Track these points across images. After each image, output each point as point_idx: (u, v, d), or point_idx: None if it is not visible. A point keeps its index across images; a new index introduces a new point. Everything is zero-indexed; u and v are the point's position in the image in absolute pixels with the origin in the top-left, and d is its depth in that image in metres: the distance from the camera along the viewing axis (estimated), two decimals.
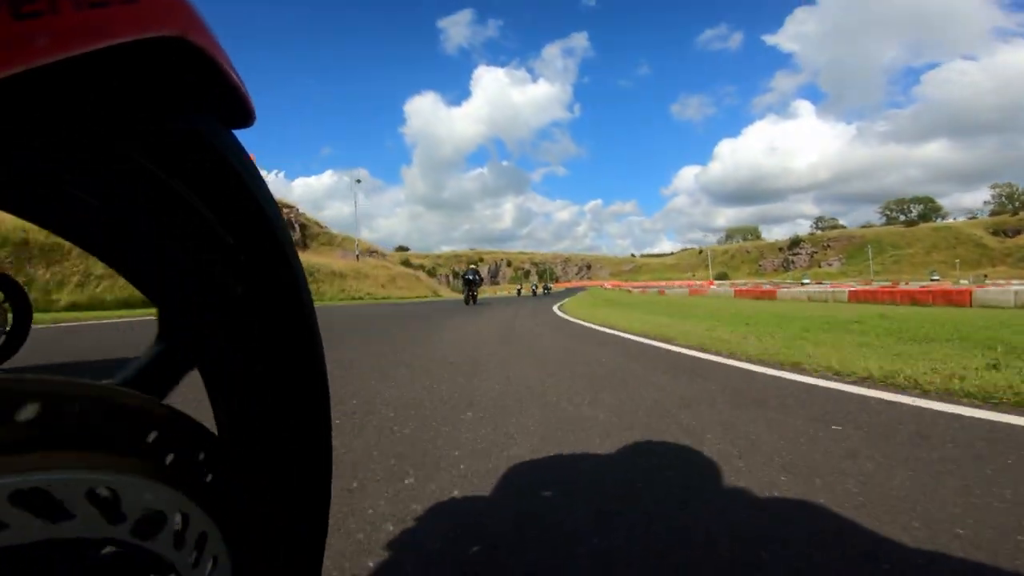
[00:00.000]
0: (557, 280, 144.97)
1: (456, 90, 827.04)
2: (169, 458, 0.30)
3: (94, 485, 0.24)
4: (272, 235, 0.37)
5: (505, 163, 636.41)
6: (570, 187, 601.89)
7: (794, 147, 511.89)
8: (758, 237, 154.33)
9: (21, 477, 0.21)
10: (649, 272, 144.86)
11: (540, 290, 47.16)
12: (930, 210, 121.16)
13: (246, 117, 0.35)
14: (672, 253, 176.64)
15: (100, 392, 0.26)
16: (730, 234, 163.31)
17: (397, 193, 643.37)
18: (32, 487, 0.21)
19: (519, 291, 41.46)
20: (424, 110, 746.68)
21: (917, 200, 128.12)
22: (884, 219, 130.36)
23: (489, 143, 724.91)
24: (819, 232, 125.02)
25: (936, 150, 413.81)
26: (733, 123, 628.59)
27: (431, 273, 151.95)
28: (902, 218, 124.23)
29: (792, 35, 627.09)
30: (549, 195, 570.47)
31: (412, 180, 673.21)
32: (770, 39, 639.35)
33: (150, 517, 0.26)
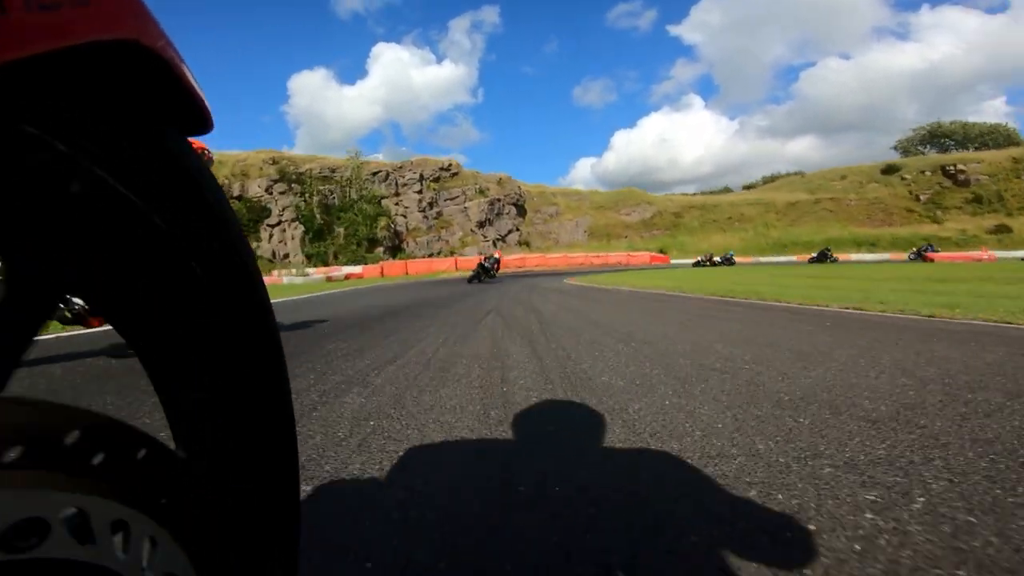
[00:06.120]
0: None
1: (350, 67, 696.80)
2: (119, 473, 0.29)
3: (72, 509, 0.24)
4: (230, 243, 0.37)
5: (403, 149, 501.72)
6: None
7: (683, 140, 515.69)
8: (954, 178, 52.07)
9: None
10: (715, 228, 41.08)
11: None
12: None
13: (203, 123, 0.35)
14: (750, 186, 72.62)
15: (43, 408, 0.26)
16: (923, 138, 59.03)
17: None
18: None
19: None
20: (311, 87, 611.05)
21: None
22: None
23: (385, 127, 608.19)
24: None
25: (804, 146, 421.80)
26: (630, 112, 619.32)
27: None
28: None
29: (696, 24, 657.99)
30: None
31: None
32: (674, 29, 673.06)
33: (95, 531, 0.26)
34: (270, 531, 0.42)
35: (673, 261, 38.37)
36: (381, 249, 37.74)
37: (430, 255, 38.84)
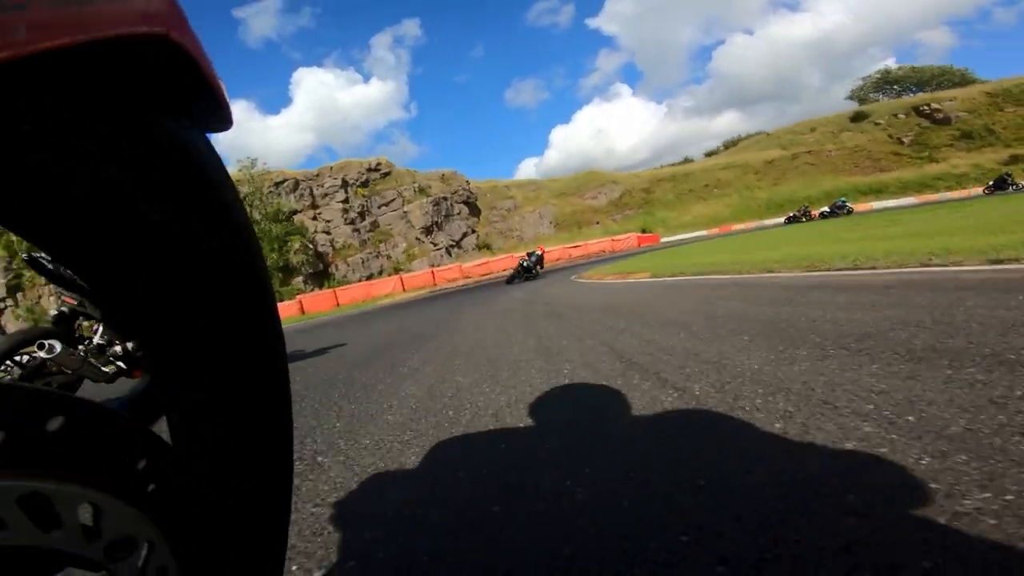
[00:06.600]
0: None
1: (273, 96, 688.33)
2: (112, 466, 0.29)
3: (25, 492, 0.23)
4: (241, 245, 0.36)
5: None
6: None
7: (617, 129, 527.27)
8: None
9: None
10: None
11: None
12: None
13: (223, 121, 0.35)
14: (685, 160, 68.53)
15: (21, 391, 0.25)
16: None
17: None
18: None
19: None
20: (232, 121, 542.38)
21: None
22: None
23: (319, 152, 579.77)
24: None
25: (728, 121, 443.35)
26: (564, 108, 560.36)
27: None
28: None
29: (612, 15, 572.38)
30: None
31: None
32: (593, 21, 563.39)
33: (87, 524, 0.25)
34: (263, 530, 0.42)
35: (664, 240, 32.42)
36: (301, 279, 29.19)
37: (368, 276, 30.81)
